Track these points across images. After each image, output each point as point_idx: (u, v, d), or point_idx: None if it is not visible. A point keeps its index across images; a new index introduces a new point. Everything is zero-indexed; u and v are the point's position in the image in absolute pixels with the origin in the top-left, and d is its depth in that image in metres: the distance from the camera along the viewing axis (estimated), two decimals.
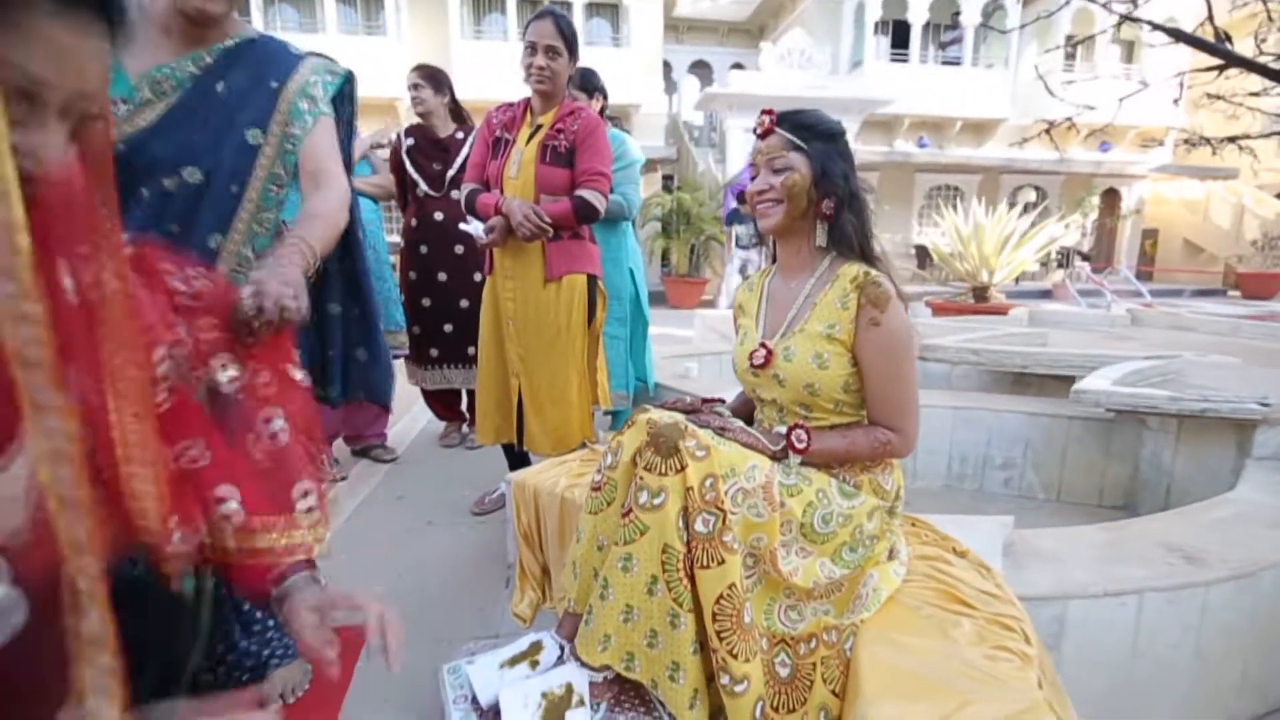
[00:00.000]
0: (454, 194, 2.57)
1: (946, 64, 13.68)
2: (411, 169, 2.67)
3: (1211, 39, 3.52)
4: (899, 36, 13.33)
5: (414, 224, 2.72)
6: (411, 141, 2.67)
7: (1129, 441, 2.25)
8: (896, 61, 13.22)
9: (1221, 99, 4.17)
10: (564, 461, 1.69)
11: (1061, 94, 4.55)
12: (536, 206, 1.77)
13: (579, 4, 11.89)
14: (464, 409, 3.02)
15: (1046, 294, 11.69)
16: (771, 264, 1.30)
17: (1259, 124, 4.58)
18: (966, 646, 0.95)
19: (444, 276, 2.67)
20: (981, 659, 0.92)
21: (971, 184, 13.88)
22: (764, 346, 1.17)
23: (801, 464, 1.11)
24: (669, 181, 13.19)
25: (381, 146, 2.99)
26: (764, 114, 1.16)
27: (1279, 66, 3.51)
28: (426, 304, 2.71)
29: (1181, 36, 3.53)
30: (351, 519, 2.26)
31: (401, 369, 2.36)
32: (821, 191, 1.13)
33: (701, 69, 15.99)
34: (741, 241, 8.20)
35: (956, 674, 0.90)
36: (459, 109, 2.74)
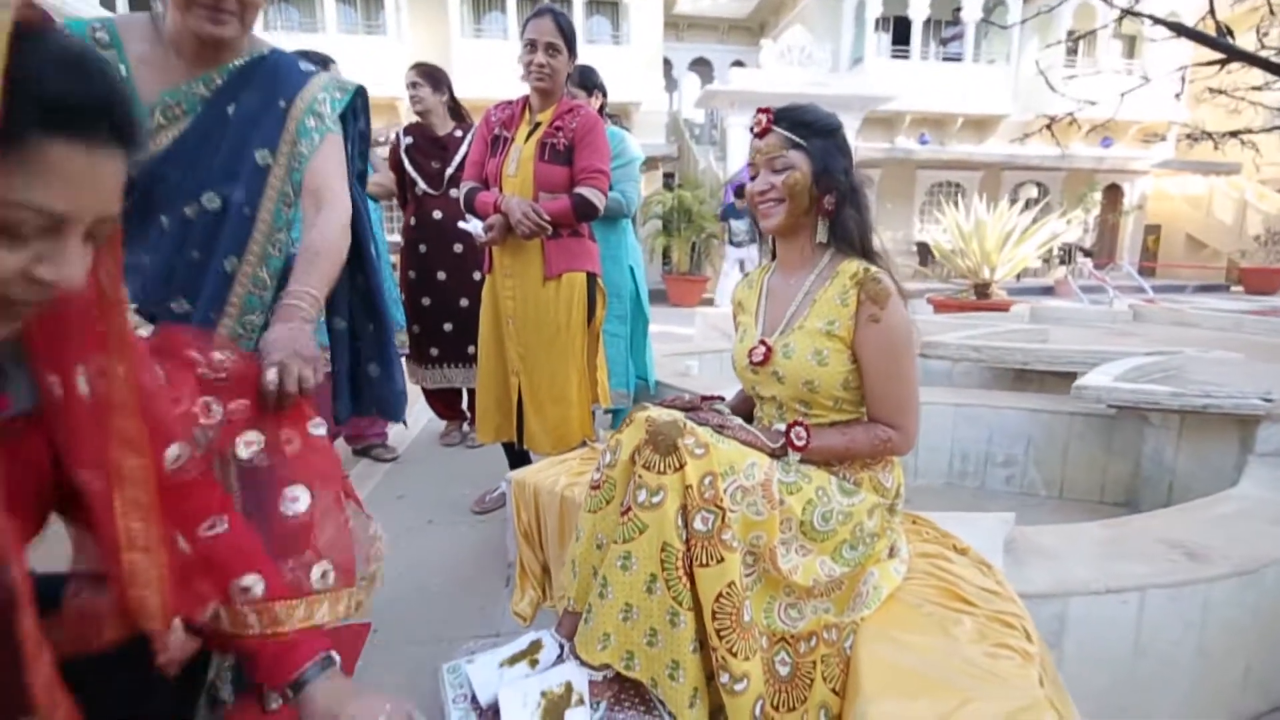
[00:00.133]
0: (453, 192, 2.57)
1: (948, 60, 13.64)
2: (410, 167, 2.66)
3: (1213, 33, 3.50)
4: (900, 33, 13.29)
5: (413, 223, 2.72)
6: (410, 140, 2.67)
7: (1131, 438, 2.25)
8: (897, 58, 13.18)
9: (1224, 93, 4.15)
10: (564, 460, 1.69)
11: (1063, 89, 4.52)
12: (535, 204, 1.77)
13: (579, 1, 11.86)
14: (464, 408, 3.02)
15: (1048, 290, 11.65)
16: (771, 260, 1.29)
17: (1261, 118, 4.55)
18: (967, 644, 0.95)
19: (443, 275, 2.67)
20: (982, 657, 0.92)
21: (973, 180, 13.85)
22: (763, 343, 1.17)
23: (801, 461, 1.10)
24: (670, 179, 13.17)
25: (380, 145, 2.99)
26: (760, 113, 1.15)
27: None
28: (426, 303, 2.71)
29: (1183, 31, 3.51)
30: None
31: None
32: (823, 187, 1.13)
33: (702, 66, 15.96)
34: (737, 237, 8.14)
35: (957, 672, 0.89)
36: (458, 107, 2.73)
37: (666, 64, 14.47)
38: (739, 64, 13.53)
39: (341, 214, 1.10)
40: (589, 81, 2.39)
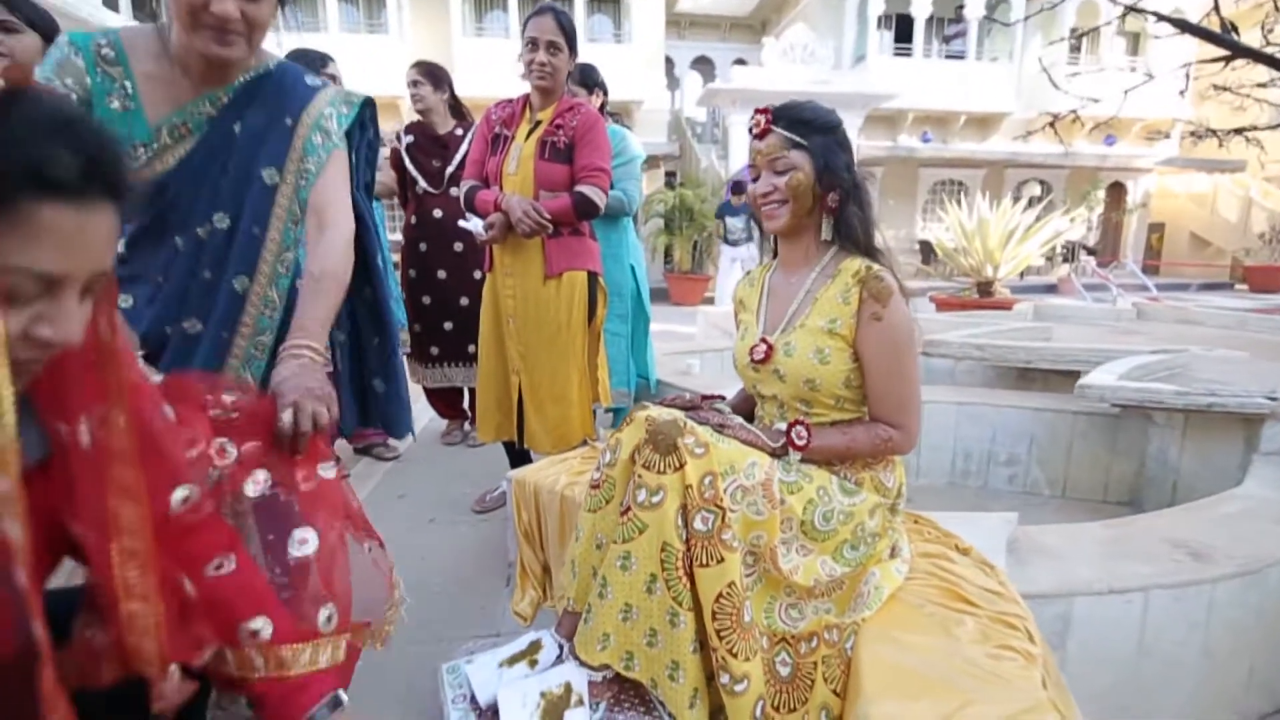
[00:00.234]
0: (453, 191, 2.56)
1: (950, 58, 13.59)
2: (411, 166, 2.66)
3: (1218, 29, 3.48)
4: (902, 30, 13.25)
5: (413, 221, 2.71)
6: (411, 139, 2.66)
7: (1135, 437, 2.23)
8: (900, 56, 13.14)
9: (1228, 90, 4.12)
10: (565, 459, 1.69)
11: (1066, 87, 4.50)
12: (536, 203, 1.76)
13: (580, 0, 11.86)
14: (466, 407, 3.02)
15: (1051, 289, 11.61)
16: (773, 259, 1.29)
17: (1266, 115, 4.52)
18: (969, 645, 0.94)
19: (443, 274, 2.67)
20: (985, 658, 0.91)
21: (976, 178, 13.81)
22: (764, 341, 1.16)
23: (802, 461, 1.10)
24: (671, 178, 13.15)
25: (382, 145, 2.98)
26: (758, 113, 1.14)
27: None
28: (426, 302, 2.70)
29: (1187, 27, 3.49)
30: None
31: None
32: (826, 185, 1.12)
33: (704, 65, 15.93)
34: (733, 236, 8.08)
35: (959, 673, 0.89)
36: (459, 105, 2.73)
37: (668, 62, 14.44)
38: (741, 62, 13.51)
39: (344, 235, 1.08)
40: (590, 79, 2.39)
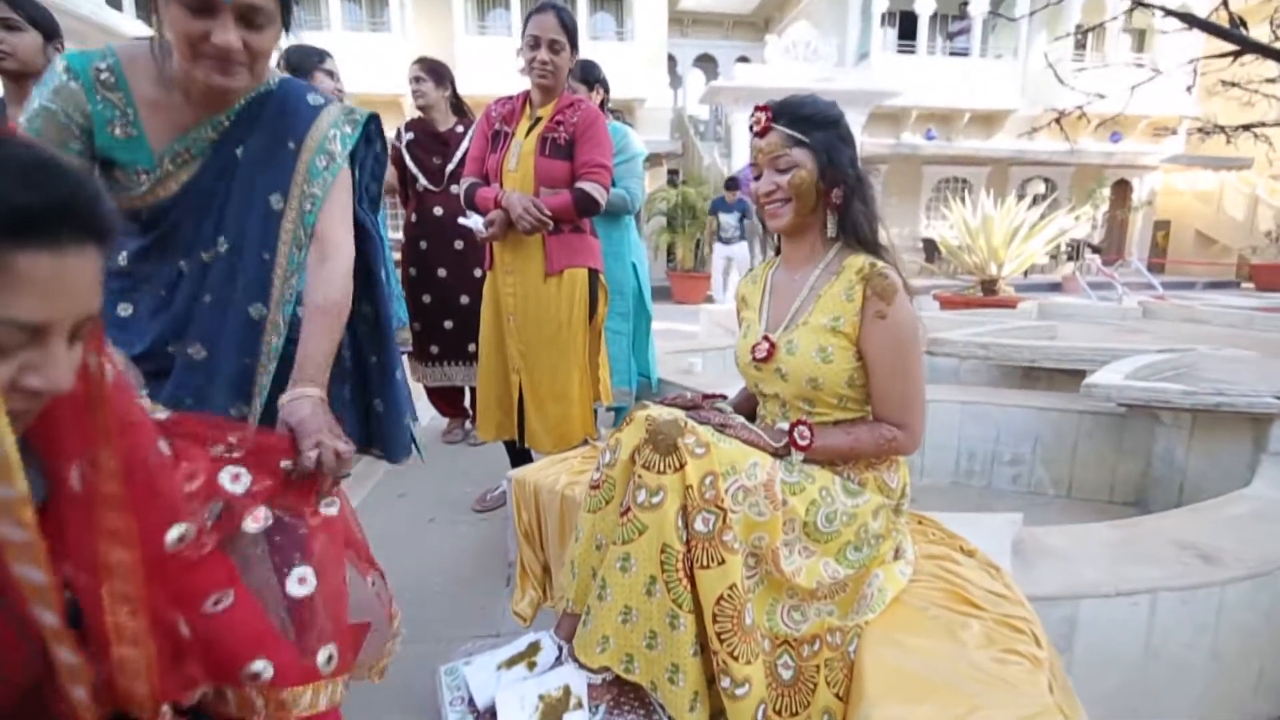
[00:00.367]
0: (453, 188, 2.55)
1: (954, 55, 13.53)
2: (411, 163, 2.65)
3: (1226, 24, 3.44)
4: (906, 27, 13.19)
5: (414, 219, 2.70)
6: (411, 136, 2.65)
7: (1141, 437, 2.21)
8: (904, 53, 13.08)
9: (1237, 86, 4.08)
10: (565, 458, 1.68)
11: (1072, 83, 4.47)
12: (536, 199, 1.75)
13: None
14: (467, 405, 3.01)
15: (1056, 287, 11.55)
16: (775, 256, 1.27)
17: (1275, 111, 4.48)
18: (975, 649, 0.93)
19: (444, 272, 2.65)
20: (990, 662, 0.90)
21: (980, 176, 13.75)
22: (766, 339, 1.15)
23: (804, 461, 1.08)
24: (674, 176, 13.12)
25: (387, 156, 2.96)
26: (759, 110, 1.12)
27: None
28: (427, 300, 2.69)
29: (1195, 22, 3.45)
30: None
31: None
32: (829, 181, 1.10)
33: (706, 63, 15.88)
34: (725, 233, 8.04)
35: (964, 677, 0.87)
36: (460, 103, 2.71)
37: (671, 60, 14.40)
38: (744, 60, 13.48)
39: (345, 265, 1.07)
40: (590, 76, 2.37)
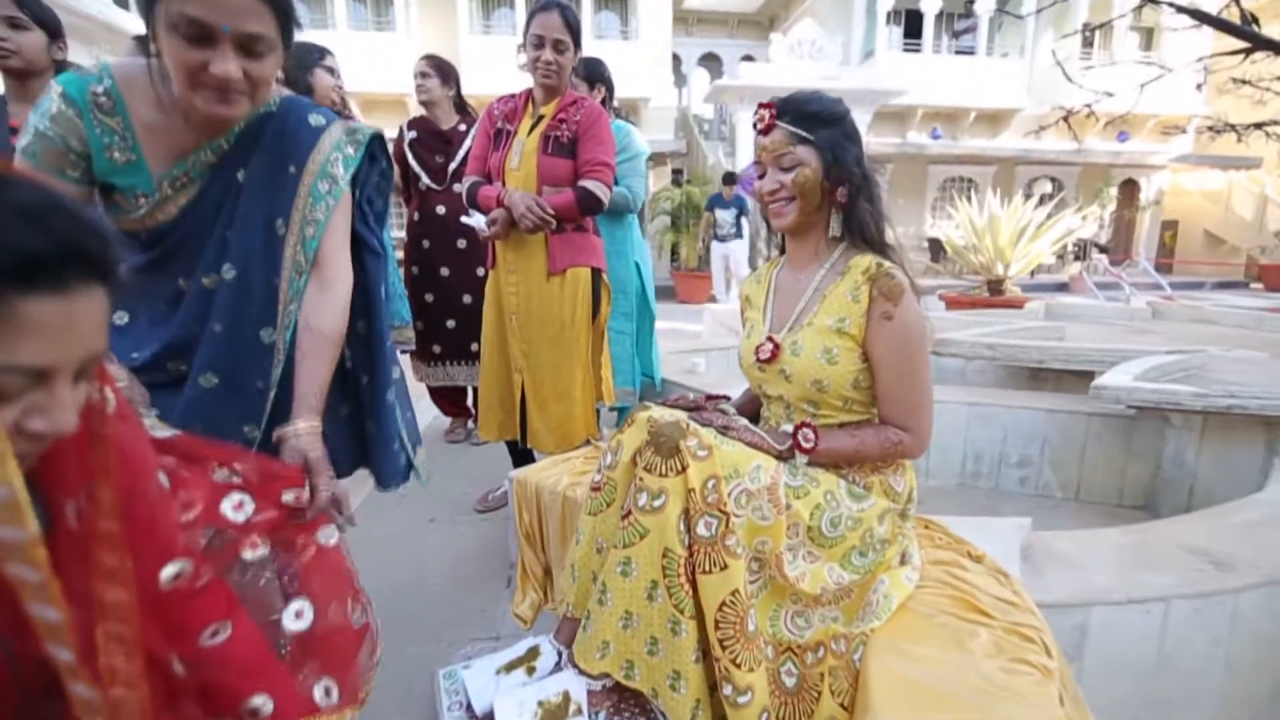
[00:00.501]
0: (456, 187, 2.54)
1: (960, 53, 13.44)
2: (414, 162, 2.63)
3: (1237, 21, 3.40)
4: (912, 26, 13.12)
5: (416, 218, 2.69)
6: (414, 134, 2.64)
7: (1150, 439, 2.18)
8: (909, 51, 13.02)
9: (1248, 83, 4.04)
10: (567, 459, 1.66)
11: (1079, 82, 4.42)
12: (539, 198, 1.73)
13: None
14: (470, 405, 2.99)
15: (1063, 287, 11.49)
16: (780, 255, 1.25)
17: None
18: (983, 658, 0.90)
19: (446, 271, 2.64)
20: (999, 672, 0.88)
21: (986, 175, 13.68)
22: (770, 340, 1.13)
23: (809, 464, 1.06)
24: (679, 175, 13.09)
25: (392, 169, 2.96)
26: (762, 108, 1.09)
27: None
28: (429, 299, 2.68)
29: (1205, 19, 3.41)
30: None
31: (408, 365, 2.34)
32: (834, 180, 1.08)
33: (711, 61, 15.85)
34: (721, 231, 7.99)
35: (972, 687, 0.85)
36: (463, 103, 2.70)
37: (675, 59, 14.36)
38: (749, 59, 13.43)
39: (344, 292, 1.06)
40: (593, 74, 2.35)
